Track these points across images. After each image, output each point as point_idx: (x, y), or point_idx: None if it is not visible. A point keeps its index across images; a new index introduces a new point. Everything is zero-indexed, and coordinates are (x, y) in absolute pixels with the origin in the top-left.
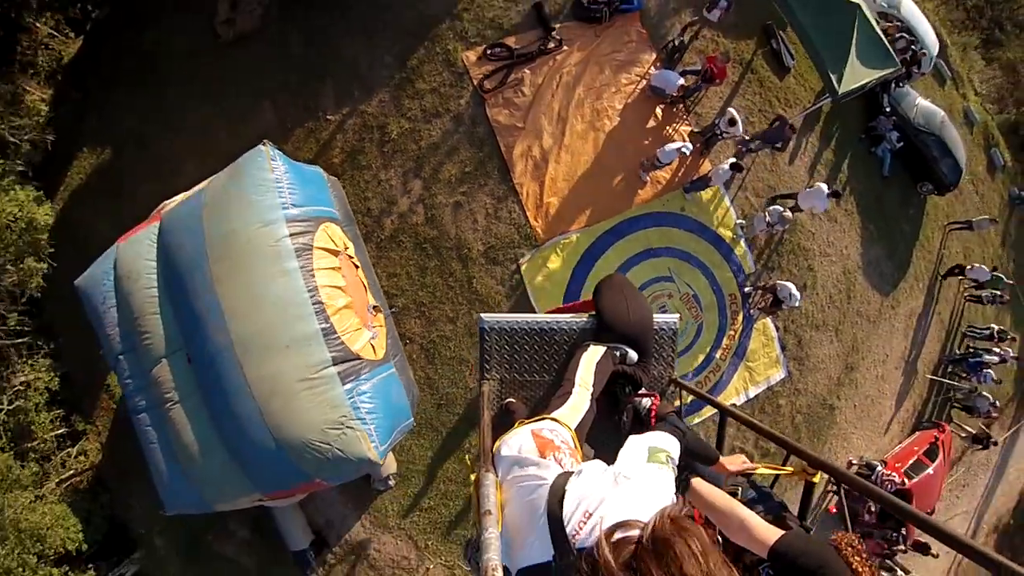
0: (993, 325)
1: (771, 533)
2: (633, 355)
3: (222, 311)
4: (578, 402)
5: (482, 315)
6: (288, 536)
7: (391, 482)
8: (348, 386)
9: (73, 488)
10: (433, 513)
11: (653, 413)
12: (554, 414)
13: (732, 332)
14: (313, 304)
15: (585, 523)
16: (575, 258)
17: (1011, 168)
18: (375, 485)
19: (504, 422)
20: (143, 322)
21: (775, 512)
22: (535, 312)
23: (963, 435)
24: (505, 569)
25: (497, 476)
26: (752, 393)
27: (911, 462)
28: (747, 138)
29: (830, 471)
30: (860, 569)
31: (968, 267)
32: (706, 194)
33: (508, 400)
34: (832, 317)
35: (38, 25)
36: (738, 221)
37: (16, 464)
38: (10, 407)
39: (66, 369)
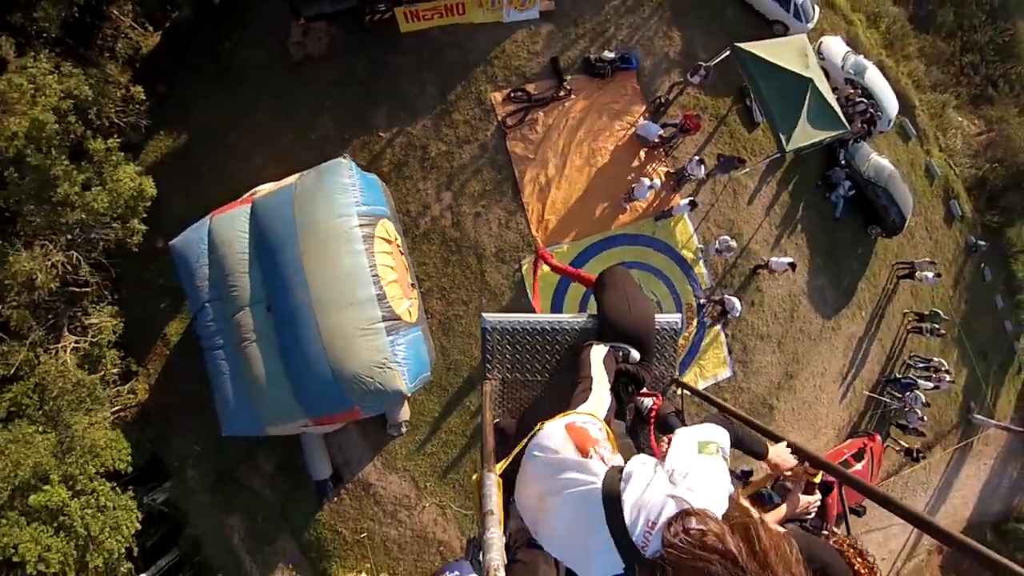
0: (935, 359)
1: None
2: (635, 354)
3: (305, 277)
4: (600, 396)
5: (484, 315)
6: (313, 466)
7: (403, 428)
8: (391, 338)
9: (122, 420)
10: (434, 458)
11: (654, 413)
12: (580, 408)
13: (687, 334)
14: (372, 277)
15: (651, 532)
16: (565, 263)
17: (970, 219)
18: (390, 430)
19: (502, 444)
20: (233, 278)
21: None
22: (532, 306)
23: (898, 449)
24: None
25: (529, 474)
26: (701, 386)
27: (839, 461)
28: (705, 177)
29: (831, 471)
30: (861, 570)
31: (917, 264)
32: (676, 222)
33: (495, 422)
34: (775, 331)
35: (120, 16)
36: (699, 246)
37: (99, 385)
38: (92, 339)
39: (126, 319)
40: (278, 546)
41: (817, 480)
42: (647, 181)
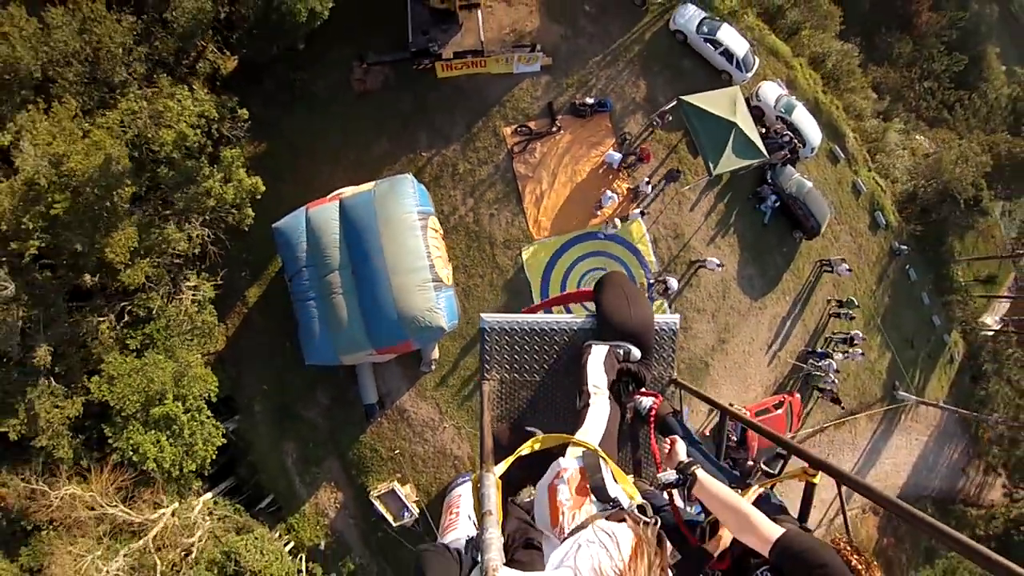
0: (851, 332)
1: (774, 530)
2: (636, 352)
3: (383, 251)
4: (599, 412)
5: (482, 315)
6: (365, 393)
7: (432, 366)
8: (436, 293)
9: (209, 363)
10: (454, 389)
11: (653, 413)
12: (578, 435)
13: None
14: (425, 252)
15: None
16: (551, 251)
17: (895, 227)
18: (422, 367)
19: (498, 447)
20: (327, 251)
21: (775, 513)
22: (529, 284)
23: (821, 396)
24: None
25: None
26: None
27: (762, 408)
28: (652, 192)
29: (831, 471)
30: (859, 566)
31: (833, 261)
32: (632, 223)
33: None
34: (709, 306)
35: (204, 41)
36: (650, 241)
37: (216, 324)
38: (194, 297)
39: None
40: (324, 466)
41: (816, 481)
42: (611, 194)
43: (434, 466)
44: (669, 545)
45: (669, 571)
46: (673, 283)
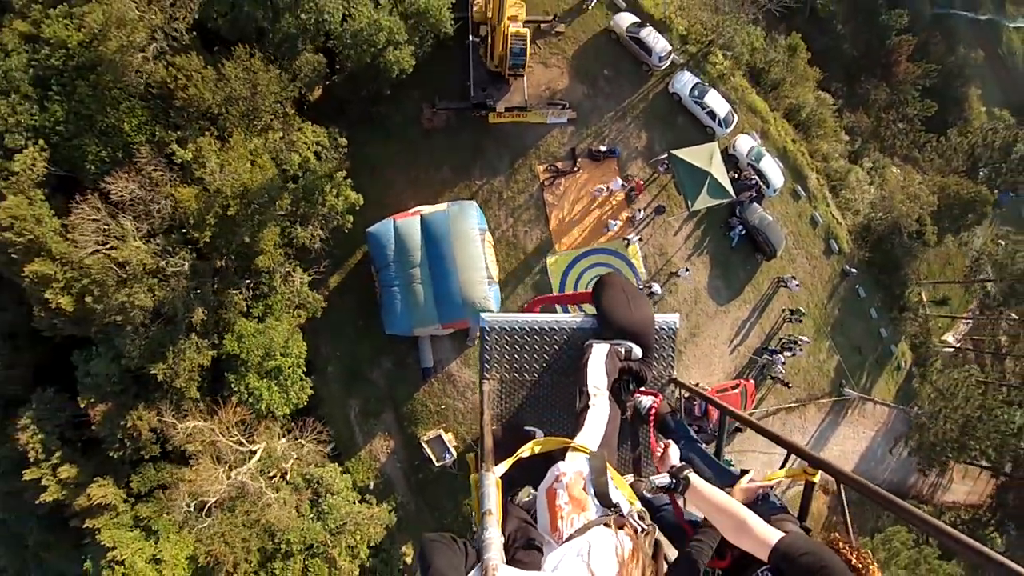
0: (797, 336)
1: (772, 534)
2: (637, 350)
3: (454, 255)
4: (598, 414)
5: (482, 314)
6: (424, 357)
7: (475, 341)
8: (488, 286)
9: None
10: None
11: (653, 413)
12: (576, 440)
13: None
14: (483, 258)
15: None
16: (568, 260)
17: (848, 253)
18: (468, 342)
19: (497, 446)
20: (411, 252)
21: (775, 513)
22: (550, 284)
23: (773, 378)
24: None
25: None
26: None
27: (721, 388)
28: (644, 219)
29: (831, 471)
30: (858, 564)
31: (785, 279)
32: (628, 243)
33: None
34: (684, 308)
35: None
36: (641, 256)
37: (320, 300)
38: (301, 279)
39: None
40: (382, 418)
41: (816, 479)
42: (614, 220)
43: (469, 419)
44: (666, 551)
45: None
46: (657, 289)
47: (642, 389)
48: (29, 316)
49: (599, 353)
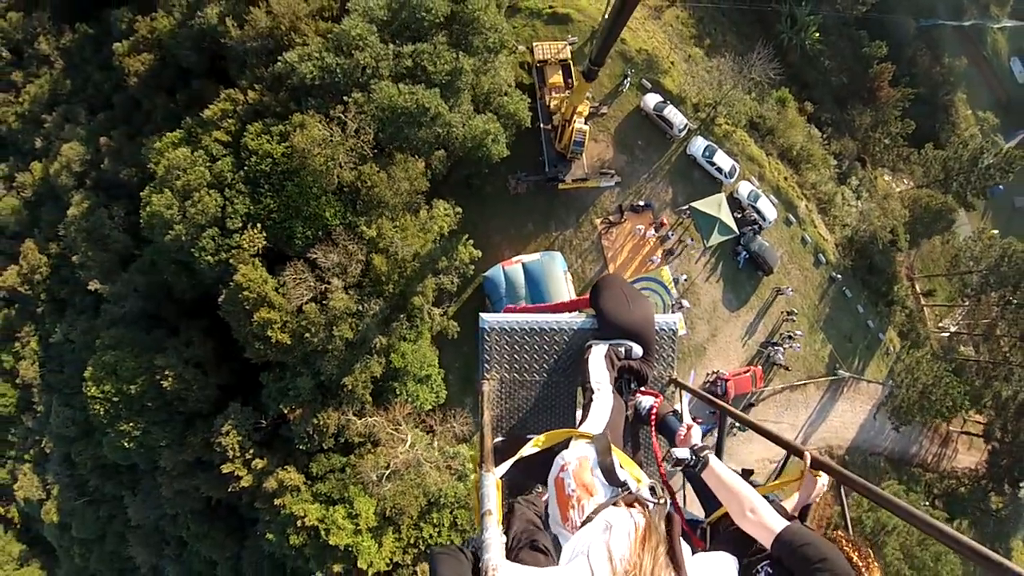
0: (793, 331)
1: (778, 522)
2: (638, 349)
3: (548, 290)
4: (602, 404)
5: (482, 314)
6: None
7: None
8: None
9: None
10: None
11: (653, 413)
12: (582, 427)
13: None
14: (567, 291)
15: None
16: None
17: (834, 263)
18: None
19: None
20: (517, 290)
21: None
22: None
23: (776, 365)
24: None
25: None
26: None
27: (736, 372)
28: (673, 252)
29: (831, 471)
30: (858, 561)
31: (782, 288)
32: (663, 271)
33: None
34: (705, 315)
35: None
36: (672, 280)
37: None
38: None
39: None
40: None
41: (819, 478)
42: (655, 257)
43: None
44: (678, 519)
45: (682, 545)
46: (685, 303)
47: (643, 389)
48: (215, 349)
49: (599, 353)
